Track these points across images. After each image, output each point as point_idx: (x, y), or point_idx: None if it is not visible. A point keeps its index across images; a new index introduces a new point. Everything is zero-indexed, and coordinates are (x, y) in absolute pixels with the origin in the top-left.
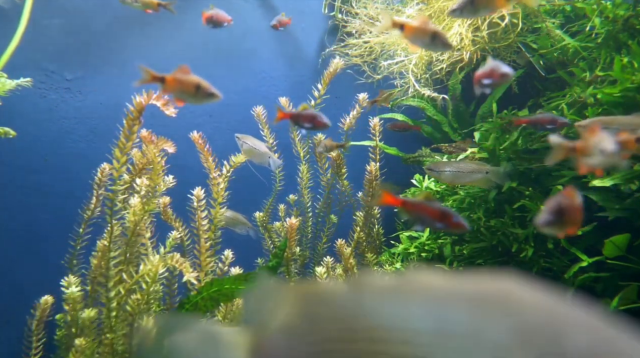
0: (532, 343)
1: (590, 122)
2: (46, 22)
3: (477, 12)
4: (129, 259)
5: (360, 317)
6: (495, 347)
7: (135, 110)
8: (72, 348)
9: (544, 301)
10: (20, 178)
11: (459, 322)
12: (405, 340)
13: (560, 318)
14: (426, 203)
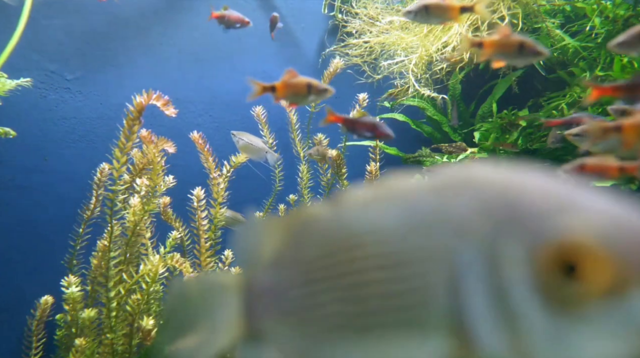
0: (489, 212)
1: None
2: (46, 22)
3: (430, 19)
4: (129, 259)
5: (338, 231)
6: (456, 221)
7: (135, 110)
8: (72, 348)
9: (502, 175)
10: (20, 178)
11: (424, 210)
12: (377, 240)
13: (516, 186)
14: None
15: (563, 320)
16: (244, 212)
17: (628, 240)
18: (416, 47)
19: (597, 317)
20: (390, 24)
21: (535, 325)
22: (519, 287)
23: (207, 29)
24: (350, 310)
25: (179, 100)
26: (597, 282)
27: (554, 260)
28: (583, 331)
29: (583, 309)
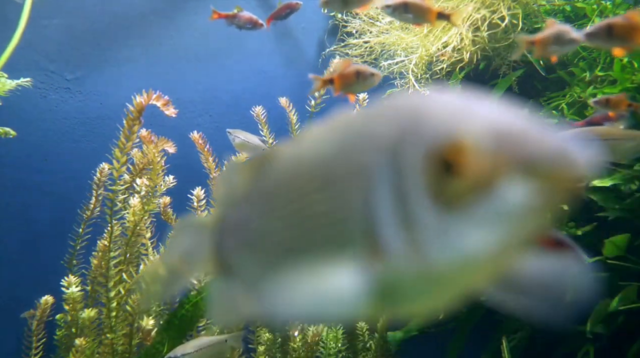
0: (398, 126)
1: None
2: (46, 22)
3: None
4: (129, 259)
5: (290, 163)
6: (373, 138)
7: (135, 110)
8: (72, 348)
9: (423, 96)
10: (20, 178)
11: (352, 133)
12: (315, 165)
13: (426, 103)
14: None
15: (449, 217)
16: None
17: (498, 137)
18: (416, 47)
19: (474, 209)
20: (391, 24)
21: (427, 223)
22: (415, 190)
23: (207, 29)
24: (295, 234)
25: (179, 100)
26: (471, 176)
27: (437, 160)
28: (465, 224)
29: (463, 204)
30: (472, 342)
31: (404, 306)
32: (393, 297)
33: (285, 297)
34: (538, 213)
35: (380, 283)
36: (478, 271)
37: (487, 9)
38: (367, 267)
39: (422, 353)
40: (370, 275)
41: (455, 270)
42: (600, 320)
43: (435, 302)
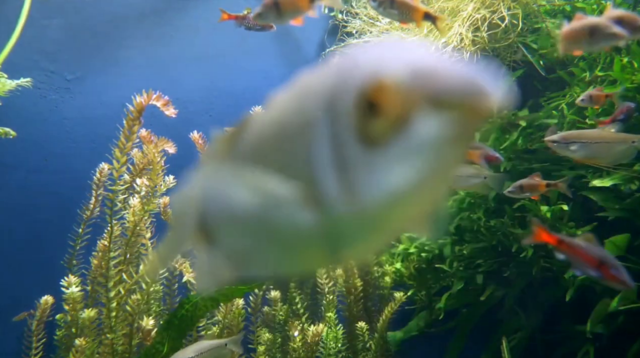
0: (339, 75)
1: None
2: (45, 22)
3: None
4: (129, 259)
5: (258, 124)
6: (319, 88)
7: (135, 111)
8: (72, 349)
9: (367, 48)
10: (20, 178)
11: (307, 86)
12: (274, 121)
13: (366, 53)
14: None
15: (375, 155)
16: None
17: (412, 74)
18: None
19: (395, 146)
20: (391, 24)
21: (357, 164)
22: (346, 134)
23: (207, 29)
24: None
25: (179, 100)
26: (390, 113)
27: (363, 102)
28: (388, 161)
29: (387, 142)
30: (472, 342)
31: (348, 248)
32: (338, 240)
33: (255, 256)
34: (454, 145)
35: (326, 228)
36: (405, 206)
37: (487, 9)
38: (315, 214)
39: (422, 353)
40: (318, 221)
41: (384, 206)
42: (600, 320)
43: (374, 242)
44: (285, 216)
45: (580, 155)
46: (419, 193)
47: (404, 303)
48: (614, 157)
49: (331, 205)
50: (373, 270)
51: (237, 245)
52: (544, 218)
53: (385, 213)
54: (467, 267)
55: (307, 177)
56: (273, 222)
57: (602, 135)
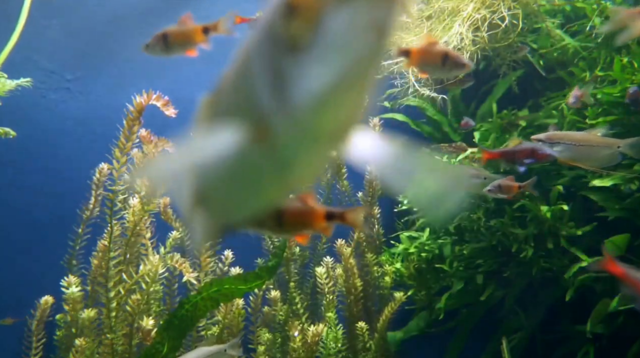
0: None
1: None
2: (46, 22)
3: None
4: (128, 259)
5: (223, 86)
6: (260, 24)
7: (135, 111)
8: (72, 349)
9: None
10: (20, 178)
11: (253, 33)
12: (231, 73)
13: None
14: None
15: (300, 60)
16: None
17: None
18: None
19: (315, 46)
20: None
21: (286, 71)
22: (276, 47)
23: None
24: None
25: (179, 100)
26: (306, 13)
27: (285, 10)
28: (312, 63)
29: (307, 43)
30: (472, 342)
31: (296, 166)
32: (286, 160)
33: (231, 201)
34: (369, 34)
35: (273, 152)
36: (335, 108)
37: (487, 9)
38: (263, 145)
39: (422, 353)
40: (266, 149)
41: (315, 109)
42: (600, 320)
43: (315, 155)
44: (241, 155)
45: (564, 156)
46: (345, 90)
47: (404, 303)
48: (598, 161)
49: (272, 121)
50: (373, 270)
51: (217, 196)
52: (544, 218)
53: (317, 116)
54: (467, 267)
55: (253, 105)
56: (235, 165)
57: (588, 138)
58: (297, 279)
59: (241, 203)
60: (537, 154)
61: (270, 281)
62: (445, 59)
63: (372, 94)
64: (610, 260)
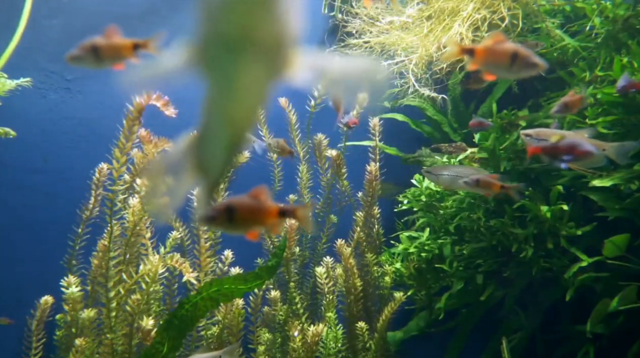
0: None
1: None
2: (46, 22)
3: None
4: (128, 259)
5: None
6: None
7: (135, 111)
8: (72, 349)
9: None
10: (20, 178)
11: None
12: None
13: None
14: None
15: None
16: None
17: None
18: (416, 47)
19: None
20: (391, 24)
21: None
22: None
23: None
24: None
25: (179, 100)
26: None
27: None
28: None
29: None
30: (472, 342)
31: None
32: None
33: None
34: None
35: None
36: (237, 11)
37: (487, 9)
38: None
39: (422, 353)
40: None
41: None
42: (600, 320)
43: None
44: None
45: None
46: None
47: (404, 303)
48: (583, 162)
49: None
50: (373, 270)
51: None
52: (544, 218)
53: (224, 18)
54: (467, 267)
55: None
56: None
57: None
58: (297, 279)
59: (211, 144)
60: (576, 151)
61: (270, 281)
62: (515, 58)
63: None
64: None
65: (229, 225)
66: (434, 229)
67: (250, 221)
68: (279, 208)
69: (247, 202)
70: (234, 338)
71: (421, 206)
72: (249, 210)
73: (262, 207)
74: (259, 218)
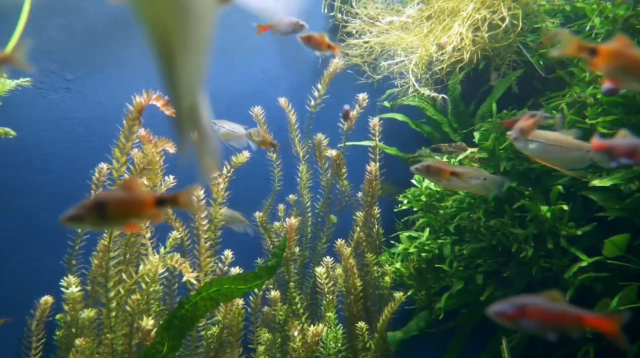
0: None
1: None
2: (46, 22)
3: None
4: (128, 259)
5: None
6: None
7: (135, 111)
8: (72, 349)
9: None
10: (20, 178)
11: None
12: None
13: None
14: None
15: None
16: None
17: None
18: (416, 47)
19: None
20: (390, 24)
21: None
22: None
23: None
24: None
25: None
26: None
27: None
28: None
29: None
30: (472, 342)
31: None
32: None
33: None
34: None
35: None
36: None
37: (487, 9)
38: None
39: (422, 353)
40: None
41: None
42: None
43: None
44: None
45: (536, 154)
46: None
47: (404, 303)
48: (567, 162)
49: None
50: (373, 270)
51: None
52: (544, 218)
53: None
54: (467, 267)
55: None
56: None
57: (560, 138)
58: (297, 279)
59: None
60: (636, 154)
61: (270, 281)
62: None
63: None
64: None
65: (102, 222)
66: (434, 229)
67: (125, 214)
68: (156, 197)
69: (119, 196)
70: (234, 338)
71: (421, 206)
72: (121, 204)
73: (137, 199)
74: (135, 210)
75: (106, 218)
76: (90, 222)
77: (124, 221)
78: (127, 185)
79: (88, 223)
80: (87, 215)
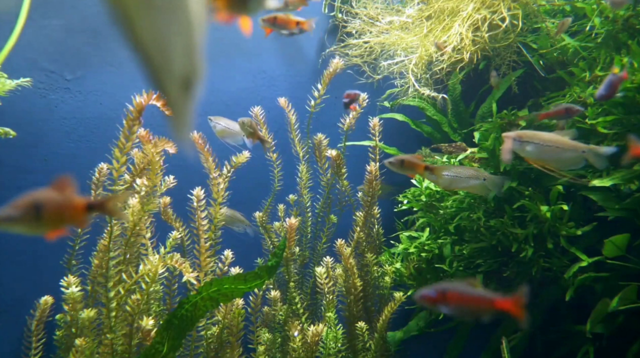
0: None
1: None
2: (46, 22)
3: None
4: (128, 259)
5: None
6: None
7: (135, 111)
8: (72, 349)
9: None
10: (20, 178)
11: None
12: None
13: None
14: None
15: None
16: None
17: None
18: (416, 47)
19: None
20: (390, 24)
21: None
22: None
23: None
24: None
25: None
26: None
27: None
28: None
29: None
30: (472, 342)
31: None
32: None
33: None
34: None
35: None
36: None
37: (487, 9)
38: None
39: (422, 353)
40: None
41: None
42: (600, 320)
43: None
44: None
45: (530, 155)
46: None
47: (404, 303)
48: (562, 163)
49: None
50: (373, 270)
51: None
52: (544, 218)
53: None
54: (467, 267)
55: None
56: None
57: (555, 139)
58: (297, 279)
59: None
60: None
61: (270, 281)
62: None
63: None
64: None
65: (35, 225)
66: (433, 229)
67: (57, 219)
68: (87, 202)
69: (55, 198)
70: (234, 338)
71: (421, 206)
72: (57, 207)
73: (70, 203)
74: (67, 215)
75: (39, 222)
76: (25, 225)
77: (54, 226)
78: (59, 186)
79: (21, 225)
80: (24, 216)
